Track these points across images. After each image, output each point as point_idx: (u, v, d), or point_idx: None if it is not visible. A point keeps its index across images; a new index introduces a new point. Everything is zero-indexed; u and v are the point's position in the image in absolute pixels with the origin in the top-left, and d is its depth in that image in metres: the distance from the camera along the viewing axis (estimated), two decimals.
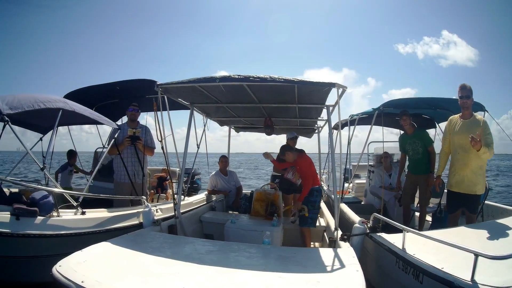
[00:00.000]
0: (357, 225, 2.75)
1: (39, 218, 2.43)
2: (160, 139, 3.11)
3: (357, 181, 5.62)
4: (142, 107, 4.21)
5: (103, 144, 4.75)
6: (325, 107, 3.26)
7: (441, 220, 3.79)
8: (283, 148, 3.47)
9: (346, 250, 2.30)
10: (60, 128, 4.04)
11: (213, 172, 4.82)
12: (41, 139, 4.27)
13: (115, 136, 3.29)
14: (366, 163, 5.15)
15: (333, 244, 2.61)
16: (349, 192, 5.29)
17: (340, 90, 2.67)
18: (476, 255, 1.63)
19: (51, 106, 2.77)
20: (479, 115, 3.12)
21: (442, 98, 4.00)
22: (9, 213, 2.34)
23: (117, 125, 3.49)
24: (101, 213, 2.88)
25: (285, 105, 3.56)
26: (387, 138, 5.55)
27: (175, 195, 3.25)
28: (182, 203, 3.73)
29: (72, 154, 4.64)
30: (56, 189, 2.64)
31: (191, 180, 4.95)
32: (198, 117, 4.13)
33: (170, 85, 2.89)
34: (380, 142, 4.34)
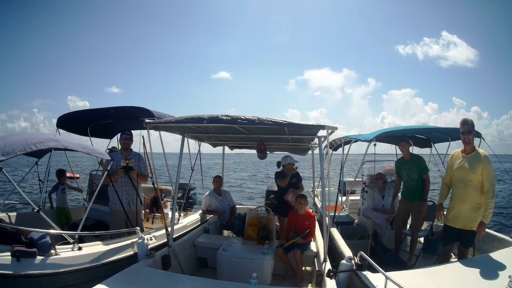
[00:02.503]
0: (344, 261, 2.77)
1: (39, 258, 2.55)
2: (151, 176, 3.17)
3: (351, 197, 5.62)
4: (136, 126, 4.26)
5: (99, 163, 4.83)
6: (317, 137, 3.28)
7: (433, 243, 3.86)
8: (302, 197, 3.66)
9: None
10: None
11: (207, 192, 4.87)
12: (36, 163, 4.35)
13: (108, 168, 3.35)
14: (361, 179, 5.16)
15: (319, 279, 2.71)
16: (342, 209, 5.31)
17: (330, 130, 2.71)
18: None
19: (43, 147, 2.84)
20: (480, 149, 3.03)
21: (437, 127, 3.95)
22: (9, 253, 2.47)
23: (110, 155, 3.54)
24: (97, 247, 3.00)
25: (277, 135, 3.57)
26: (382, 157, 5.51)
27: (169, 222, 3.33)
28: (176, 227, 3.84)
29: (61, 173, 4.55)
30: (53, 231, 2.76)
31: (187, 195, 5.02)
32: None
33: (158, 123, 2.95)
34: (376, 162, 4.33)
